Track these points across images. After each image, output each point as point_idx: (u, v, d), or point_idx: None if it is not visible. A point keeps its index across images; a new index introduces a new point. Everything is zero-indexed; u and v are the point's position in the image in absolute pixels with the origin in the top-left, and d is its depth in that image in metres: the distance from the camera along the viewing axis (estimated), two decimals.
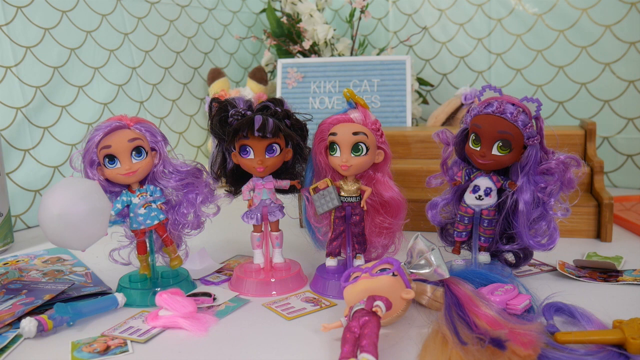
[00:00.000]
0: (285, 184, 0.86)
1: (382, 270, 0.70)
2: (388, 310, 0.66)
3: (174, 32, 1.68)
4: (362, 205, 0.82)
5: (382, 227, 0.84)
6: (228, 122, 0.80)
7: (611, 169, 1.51)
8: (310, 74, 1.60)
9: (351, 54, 1.74)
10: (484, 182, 0.82)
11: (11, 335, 0.71)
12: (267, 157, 0.81)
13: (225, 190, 0.90)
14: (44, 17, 1.30)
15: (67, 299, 0.81)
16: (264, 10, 1.92)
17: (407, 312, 0.73)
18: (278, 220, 0.87)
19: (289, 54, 1.75)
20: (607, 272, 0.88)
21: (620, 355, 0.61)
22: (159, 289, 0.82)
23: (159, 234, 0.83)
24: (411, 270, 0.71)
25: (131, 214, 0.81)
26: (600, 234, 1.06)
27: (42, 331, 0.71)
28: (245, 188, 0.85)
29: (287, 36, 1.78)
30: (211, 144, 1.02)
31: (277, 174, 0.86)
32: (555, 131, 0.88)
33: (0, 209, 1.10)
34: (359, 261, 0.85)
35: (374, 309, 0.65)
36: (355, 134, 0.78)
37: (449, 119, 1.54)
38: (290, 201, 0.90)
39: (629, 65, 1.47)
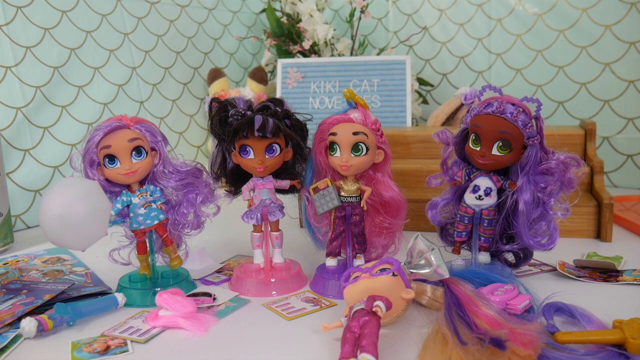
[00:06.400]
0: (285, 184, 0.86)
1: (382, 270, 0.70)
2: (388, 310, 0.66)
3: (174, 32, 1.68)
4: (362, 205, 0.82)
5: (382, 227, 0.84)
6: (228, 122, 0.80)
7: (611, 169, 1.51)
8: (310, 74, 1.59)
9: (351, 54, 1.74)
10: (484, 182, 0.82)
11: (11, 335, 0.71)
12: (267, 157, 0.81)
13: (225, 190, 0.89)
14: (44, 17, 1.30)
15: (67, 299, 0.81)
16: (264, 10, 1.92)
17: (407, 312, 0.73)
18: (278, 220, 0.87)
19: (289, 54, 1.75)
20: (607, 272, 0.88)
21: (620, 355, 0.61)
22: (159, 289, 0.82)
23: (159, 234, 0.83)
24: (411, 270, 0.71)
25: (131, 214, 0.81)
26: (600, 234, 1.06)
27: (42, 331, 0.71)
28: (245, 188, 0.85)
29: (287, 36, 1.78)
30: (211, 144, 1.02)
31: (277, 174, 0.86)
32: (555, 131, 0.88)
33: (0, 209, 1.10)
34: (359, 261, 0.85)
35: (374, 309, 0.65)
36: (355, 134, 0.78)
37: (449, 119, 1.54)
38: (290, 201, 0.90)
39: (629, 65, 1.47)
